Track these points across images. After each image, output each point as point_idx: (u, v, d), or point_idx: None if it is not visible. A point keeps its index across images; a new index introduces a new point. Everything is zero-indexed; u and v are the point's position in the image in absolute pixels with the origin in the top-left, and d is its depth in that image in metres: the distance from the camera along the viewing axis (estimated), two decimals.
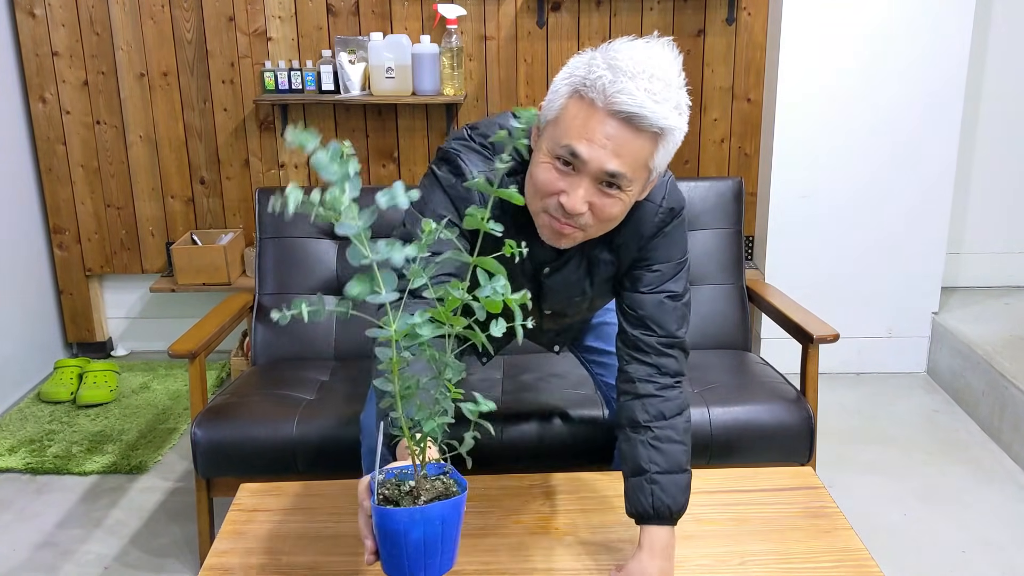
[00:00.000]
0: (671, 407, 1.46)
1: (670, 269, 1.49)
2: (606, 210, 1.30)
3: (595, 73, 1.24)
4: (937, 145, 3.14)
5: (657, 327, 1.47)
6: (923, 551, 2.28)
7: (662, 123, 1.23)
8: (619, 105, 1.22)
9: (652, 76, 1.22)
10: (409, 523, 1.01)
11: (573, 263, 1.48)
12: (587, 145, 1.24)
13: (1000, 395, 2.80)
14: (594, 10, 3.25)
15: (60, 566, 2.28)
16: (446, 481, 1.08)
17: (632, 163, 1.26)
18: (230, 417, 2.08)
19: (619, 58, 1.23)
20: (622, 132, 1.23)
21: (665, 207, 1.45)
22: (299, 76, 3.22)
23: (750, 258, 3.42)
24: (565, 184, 1.28)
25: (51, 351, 3.50)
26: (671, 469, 1.41)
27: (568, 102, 1.27)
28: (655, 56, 1.25)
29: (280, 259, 2.50)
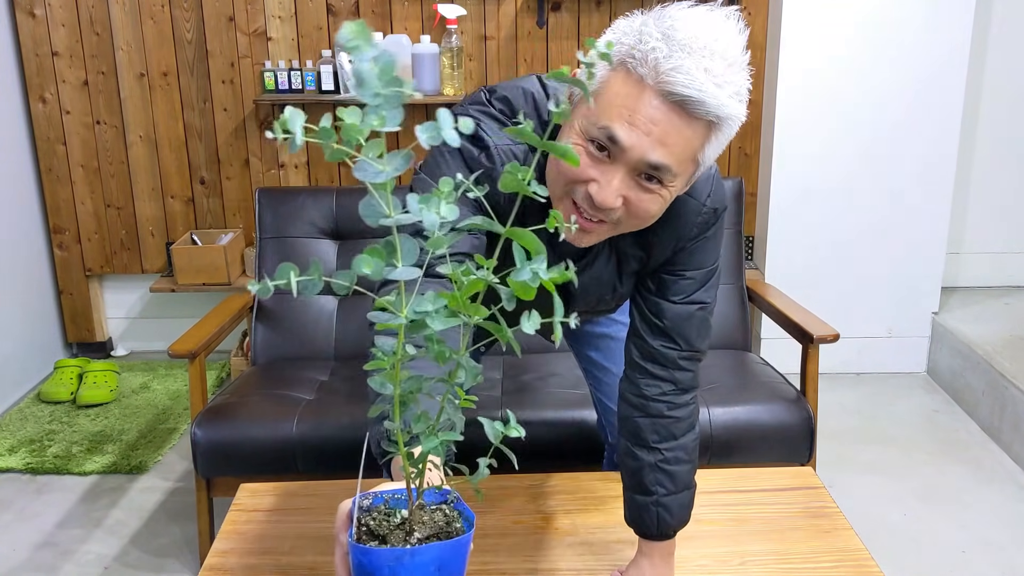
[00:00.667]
0: (683, 426, 1.34)
1: (703, 276, 1.31)
2: (642, 206, 1.09)
3: (647, 44, 1.02)
4: (937, 145, 3.14)
5: (682, 340, 1.32)
6: (923, 551, 2.28)
7: (720, 111, 1.03)
8: (673, 85, 1.01)
9: (714, 53, 1.02)
10: (396, 567, 0.77)
11: (603, 257, 1.29)
12: (629, 130, 1.03)
13: (1000, 395, 2.80)
14: (594, 10, 3.24)
15: (60, 566, 2.28)
16: (448, 513, 0.84)
17: (679, 154, 1.05)
18: (230, 417, 2.08)
19: (676, 27, 1.02)
20: (672, 117, 1.03)
21: (709, 207, 1.25)
22: (299, 76, 3.22)
23: (750, 258, 3.42)
24: (597, 172, 1.07)
25: (51, 351, 3.50)
26: (678, 489, 1.33)
27: (611, 75, 1.06)
28: (718, 28, 1.04)
29: (280, 259, 2.50)
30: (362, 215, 0.69)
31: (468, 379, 0.78)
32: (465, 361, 0.78)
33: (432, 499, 0.85)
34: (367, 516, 0.84)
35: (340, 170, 3.42)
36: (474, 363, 0.81)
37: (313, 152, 3.41)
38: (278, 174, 3.43)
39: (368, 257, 0.69)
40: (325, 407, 2.11)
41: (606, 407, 1.75)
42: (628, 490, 1.37)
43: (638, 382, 1.34)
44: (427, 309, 0.72)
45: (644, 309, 1.33)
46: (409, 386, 0.79)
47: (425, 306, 0.73)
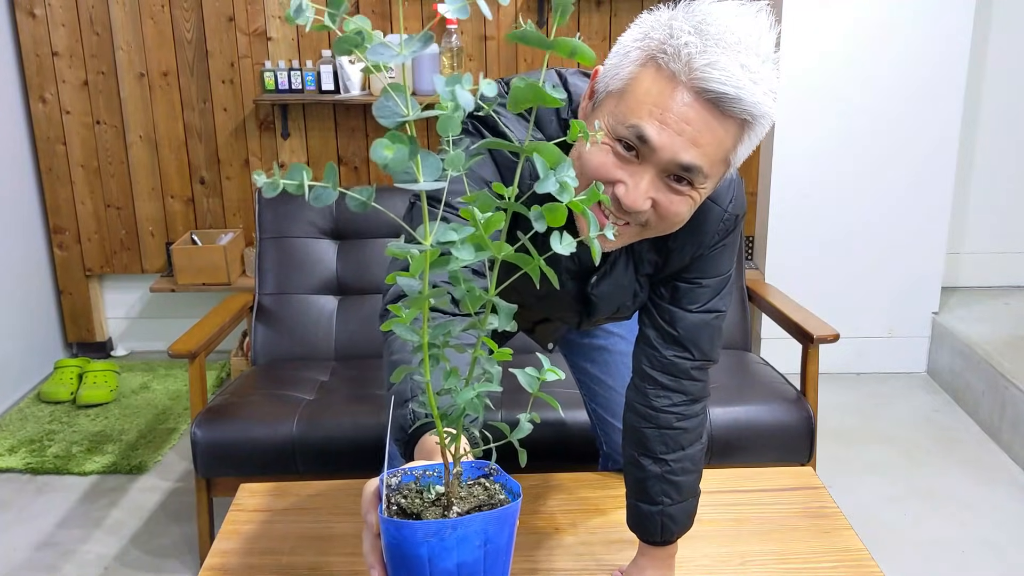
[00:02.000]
0: (691, 437, 1.31)
1: (719, 284, 1.26)
2: (672, 209, 1.04)
3: (679, 39, 0.96)
4: (937, 145, 3.14)
5: (696, 350, 1.27)
6: (923, 551, 2.28)
7: (756, 108, 0.98)
8: (708, 82, 0.95)
9: (749, 48, 0.97)
10: (436, 545, 0.68)
11: (621, 264, 1.23)
12: (660, 129, 0.98)
13: (1000, 395, 2.80)
14: (594, 10, 3.25)
15: (60, 566, 2.28)
16: (489, 486, 0.76)
17: (712, 155, 1.00)
18: (230, 417, 2.08)
19: (708, 22, 0.97)
20: (706, 116, 0.97)
21: (731, 212, 1.21)
22: (299, 76, 3.22)
23: (750, 258, 3.42)
24: (624, 173, 1.01)
25: (51, 351, 3.50)
26: (683, 499, 1.32)
27: (640, 71, 0.99)
28: (751, 23, 0.99)
29: (280, 259, 2.50)
30: (376, 115, 0.63)
31: (503, 320, 0.69)
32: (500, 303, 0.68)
33: (469, 473, 0.76)
34: (397, 495, 0.74)
35: (340, 170, 3.42)
36: (507, 304, 0.71)
37: (313, 152, 3.41)
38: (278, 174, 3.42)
39: (388, 142, 0.61)
40: (325, 407, 2.11)
41: (601, 418, 1.73)
42: (632, 498, 1.34)
43: (647, 392, 1.29)
44: (452, 239, 0.63)
45: (657, 317, 1.28)
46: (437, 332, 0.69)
47: (450, 235, 0.63)
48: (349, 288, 2.50)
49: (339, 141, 3.39)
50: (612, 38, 3.27)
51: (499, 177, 1.12)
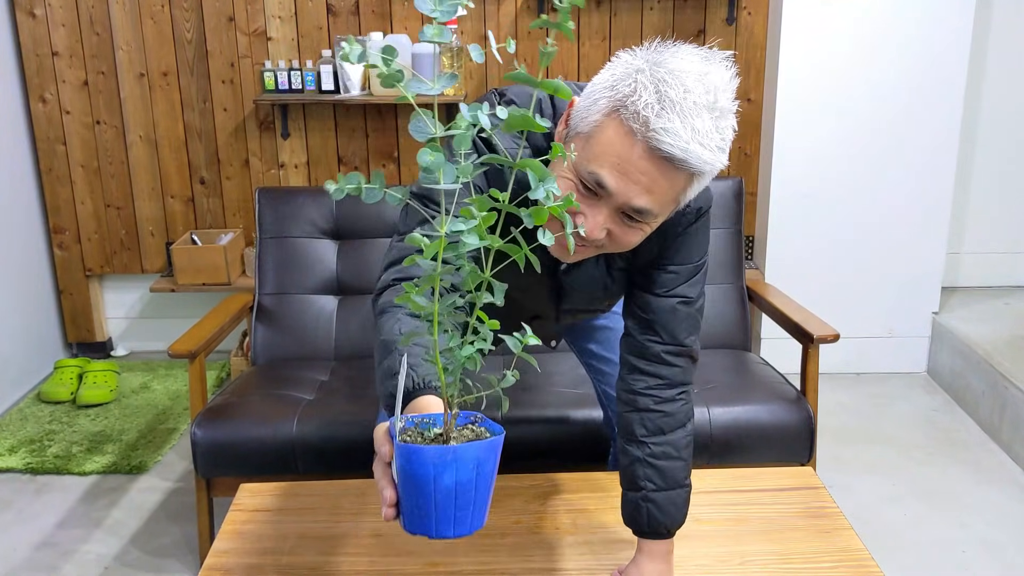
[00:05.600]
0: (671, 422, 1.37)
1: (687, 272, 1.38)
2: (624, 238, 1.18)
3: (641, 99, 1.07)
4: (937, 145, 3.14)
5: (665, 333, 1.36)
6: (923, 551, 2.28)
7: (703, 166, 1.10)
8: (661, 144, 1.07)
9: (702, 108, 1.07)
10: (440, 465, 0.84)
11: (590, 260, 1.35)
12: (617, 177, 1.10)
13: (1000, 395, 2.80)
14: (594, 10, 3.25)
15: (60, 566, 2.28)
16: (476, 430, 0.91)
17: (662, 199, 1.13)
18: (230, 417, 2.08)
19: (669, 82, 1.07)
20: (658, 169, 1.10)
21: (693, 207, 1.31)
22: (299, 76, 3.22)
23: (750, 258, 3.42)
24: (585, 206, 1.15)
25: (51, 351, 3.50)
26: (668, 486, 1.35)
27: (605, 120, 1.11)
28: (709, 82, 1.08)
29: (280, 259, 2.50)
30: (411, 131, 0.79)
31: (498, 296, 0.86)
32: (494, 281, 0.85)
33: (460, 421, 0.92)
34: (403, 435, 0.89)
35: (340, 170, 3.42)
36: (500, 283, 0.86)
37: (313, 152, 3.41)
38: (278, 174, 3.43)
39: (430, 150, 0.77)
40: (325, 407, 2.11)
41: (609, 396, 1.74)
42: (622, 487, 1.40)
43: (626, 377, 1.39)
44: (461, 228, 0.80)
45: (632, 305, 1.40)
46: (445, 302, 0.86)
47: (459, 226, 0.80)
48: (349, 288, 2.50)
49: (339, 141, 3.39)
50: (612, 38, 3.27)
51: (487, 183, 1.25)
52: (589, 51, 3.28)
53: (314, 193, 2.57)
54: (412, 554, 1.44)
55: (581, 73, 3.30)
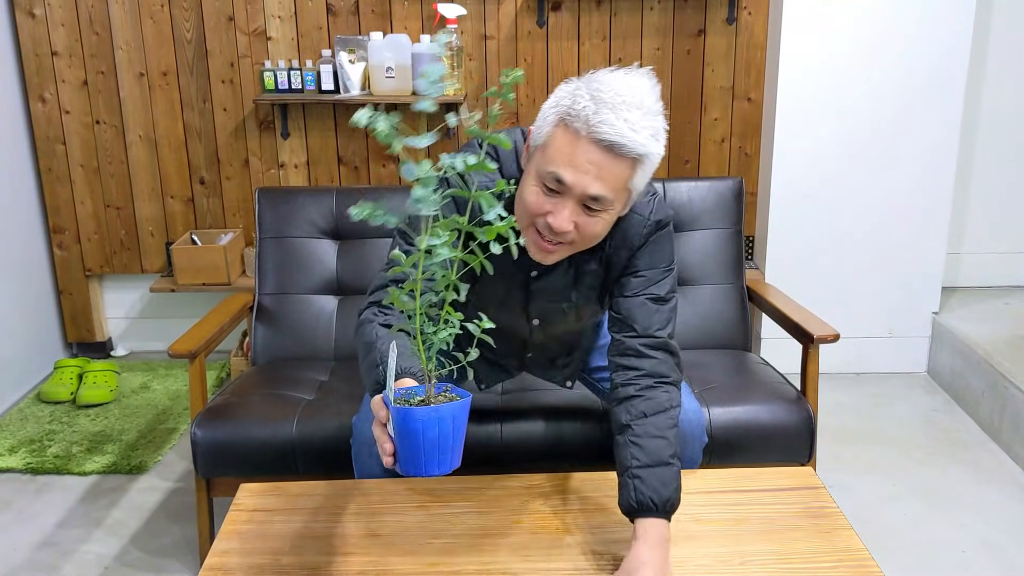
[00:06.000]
0: (652, 405, 1.49)
1: (655, 275, 1.58)
2: (589, 228, 1.41)
3: (579, 104, 1.34)
4: (937, 145, 3.14)
5: (638, 327, 1.55)
6: (923, 551, 2.28)
7: (640, 150, 1.34)
8: (601, 134, 1.32)
9: (631, 106, 1.33)
10: (427, 421, 1.14)
11: (560, 269, 1.57)
12: (572, 171, 1.35)
13: (1000, 395, 2.80)
14: (594, 10, 3.25)
15: (60, 566, 2.28)
16: (449, 395, 1.20)
17: (613, 186, 1.37)
18: (230, 417, 2.08)
19: (602, 89, 1.35)
20: (603, 158, 1.34)
21: (652, 220, 1.56)
22: (299, 76, 3.22)
23: (750, 258, 3.42)
24: (551, 206, 1.38)
25: (51, 351, 3.50)
26: (652, 463, 1.43)
27: (555, 130, 1.37)
28: (634, 86, 1.36)
29: (280, 259, 2.50)
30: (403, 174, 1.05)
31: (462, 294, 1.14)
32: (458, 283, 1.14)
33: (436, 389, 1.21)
34: (396, 401, 1.18)
35: (340, 170, 3.42)
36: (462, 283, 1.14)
37: (313, 152, 3.41)
38: (278, 174, 3.43)
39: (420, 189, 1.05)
40: (325, 407, 2.11)
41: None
42: (617, 475, 1.48)
43: (613, 377, 1.56)
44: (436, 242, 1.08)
45: (611, 313, 1.61)
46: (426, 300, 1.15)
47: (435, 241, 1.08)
48: (349, 288, 2.50)
49: (339, 141, 3.39)
50: (612, 38, 3.27)
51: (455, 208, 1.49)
52: (589, 51, 3.28)
53: (314, 193, 2.57)
54: (412, 554, 1.44)
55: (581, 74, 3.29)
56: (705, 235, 2.49)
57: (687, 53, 3.29)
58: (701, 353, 2.40)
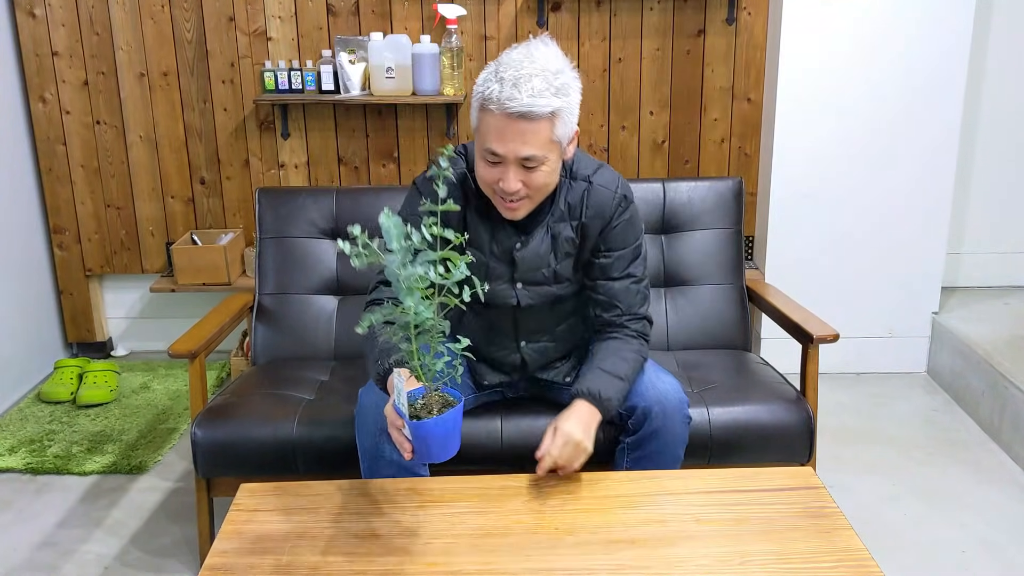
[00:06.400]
0: (626, 346, 1.81)
1: (629, 254, 1.84)
2: (536, 181, 1.68)
3: (490, 89, 1.61)
4: (937, 145, 3.14)
5: (623, 307, 1.84)
6: (923, 551, 2.28)
7: (549, 109, 1.60)
8: (512, 109, 1.58)
9: (531, 76, 1.58)
10: (435, 428, 1.42)
11: (538, 239, 1.81)
12: (501, 144, 1.62)
13: (1000, 395, 2.80)
14: (594, 10, 3.25)
15: (60, 566, 2.28)
16: (442, 394, 1.47)
17: (538, 144, 1.62)
18: (230, 417, 2.08)
19: (504, 69, 1.60)
20: (522, 125, 1.60)
21: (620, 194, 1.82)
22: (299, 76, 3.22)
23: (750, 258, 3.42)
24: (499, 173, 1.66)
25: (51, 351, 3.50)
26: (609, 371, 1.76)
27: (480, 115, 1.65)
28: (535, 56, 1.62)
29: (280, 259, 2.50)
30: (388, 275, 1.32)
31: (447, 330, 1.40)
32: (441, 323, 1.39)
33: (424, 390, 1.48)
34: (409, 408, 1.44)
35: (340, 170, 3.42)
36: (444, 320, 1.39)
37: (313, 152, 3.41)
38: (278, 174, 3.43)
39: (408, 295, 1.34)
40: (325, 407, 2.11)
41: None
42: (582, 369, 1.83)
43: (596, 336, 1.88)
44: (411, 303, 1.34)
45: (593, 296, 1.87)
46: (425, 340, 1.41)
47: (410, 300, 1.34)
48: (349, 288, 2.50)
49: (339, 141, 3.39)
50: (612, 38, 3.27)
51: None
52: (589, 51, 3.28)
53: (314, 193, 2.57)
54: (412, 554, 1.44)
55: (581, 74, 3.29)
56: (705, 235, 2.49)
57: (687, 53, 3.29)
58: (701, 353, 2.40)
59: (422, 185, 1.86)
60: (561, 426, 1.67)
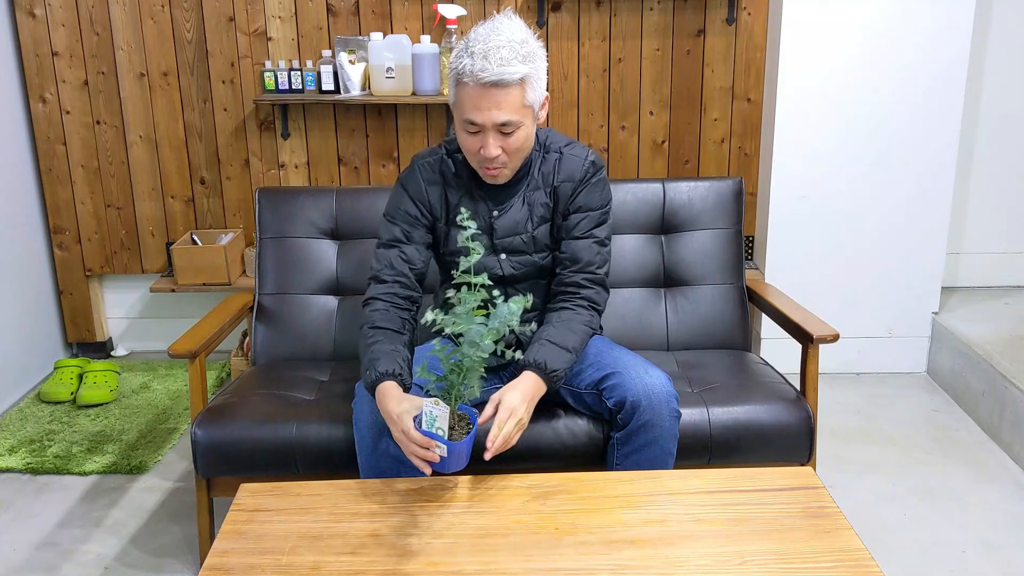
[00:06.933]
0: (577, 316, 1.88)
1: (596, 216, 1.94)
2: (514, 145, 1.79)
3: (462, 63, 1.72)
4: (937, 145, 3.14)
5: (582, 263, 1.91)
6: (923, 551, 2.28)
7: (518, 75, 1.71)
8: (481, 78, 1.69)
9: (499, 47, 1.69)
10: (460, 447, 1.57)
11: (516, 206, 1.93)
12: (478, 112, 1.73)
13: (1000, 395, 2.80)
14: (594, 10, 3.25)
15: (60, 566, 2.28)
16: (459, 412, 1.62)
17: (512, 109, 1.74)
18: (230, 417, 2.08)
19: (472, 44, 1.72)
20: (495, 93, 1.71)
21: (588, 160, 1.94)
22: (299, 76, 3.23)
23: (750, 258, 3.42)
24: (479, 141, 1.78)
25: (51, 351, 3.50)
26: (557, 343, 1.81)
27: (456, 89, 1.76)
28: (500, 29, 1.72)
29: (280, 259, 2.50)
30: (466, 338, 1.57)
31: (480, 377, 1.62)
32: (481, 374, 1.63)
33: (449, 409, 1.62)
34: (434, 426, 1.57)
35: (340, 170, 3.42)
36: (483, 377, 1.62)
37: (313, 152, 3.41)
38: (278, 174, 3.43)
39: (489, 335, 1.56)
40: (325, 407, 2.11)
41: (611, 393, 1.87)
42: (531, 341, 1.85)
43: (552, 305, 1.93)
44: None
45: (558, 255, 1.94)
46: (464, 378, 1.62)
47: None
48: (349, 288, 2.50)
49: (339, 141, 3.39)
50: (612, 38, 3.27)
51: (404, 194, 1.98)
52: (589, 51, 3.28)
53: (314, 193, 2.57)
54: (412, 554, 1.44)
55: (581, 74, 3.30)
56: (705, 235, 2.49)
57: (687, 53, 3.29)
58: (701, 353, 2.40)
59: (405, 180, 1.95)
60: (505, 399, 1.69)
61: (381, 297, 1.88)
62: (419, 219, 1.93)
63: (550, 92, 3.32)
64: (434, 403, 1.57)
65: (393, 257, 1.91)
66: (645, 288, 2.48)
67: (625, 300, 2.46)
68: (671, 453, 1.86)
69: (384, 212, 1.97)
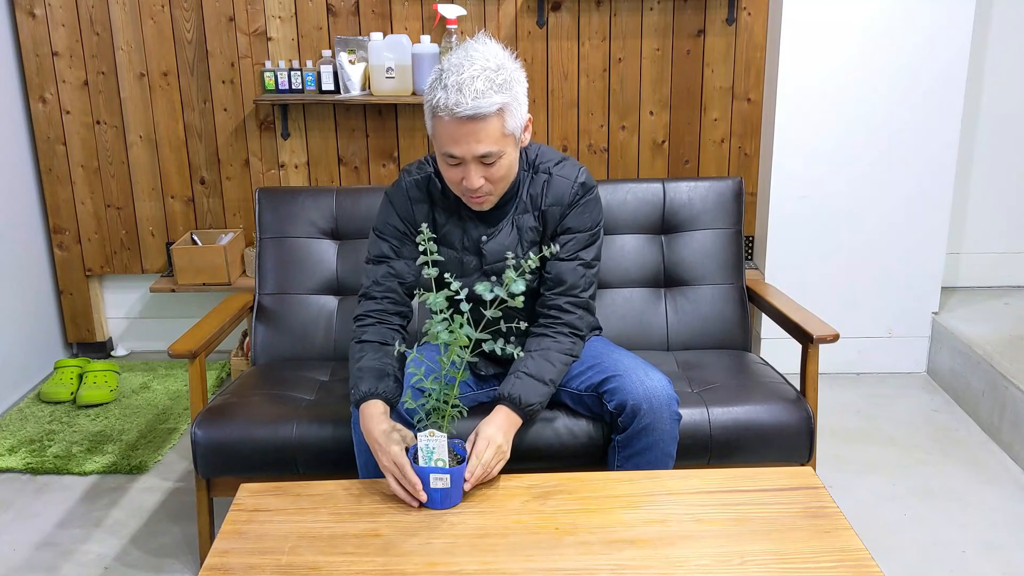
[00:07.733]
0: (556, 345, 1.84)
1: (584, 238, 1.89)
2: (496, 174, 1.74)
3: (437, 97, 1.66)
4: (937, 145, 3.14)
5: (567, 286, 1.86)
6: (923, 551, 2.28)
7: (496, 107, 1.65)
8: (458, 112, 1.64)
9: (473, 78, 1.63)
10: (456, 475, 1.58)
11: (504, 231, 1.89)
12: (456, 146, 1.68)
13: (1000, 395, 2.80)
14: (594, 10, 3.25)
15: (60, 566, 2.28)
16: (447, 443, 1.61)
17: (492, 140, 1.68)
18: (230, 417, 2.08)
19: (447, 75, 1.65)
20: (473, 125, 1.66)
21: (578, 183, 1.88)
22: (299, 76, 3.23)
23: (750, 258, 3.42)
24: (461, 173, 1.73)
25: (51, 351, 3.50)
26: (534, 375, 1.78)
27: (433, 122, 1.70)
28: (474, 58, 1.66)
29: (280, 259, 2.50)
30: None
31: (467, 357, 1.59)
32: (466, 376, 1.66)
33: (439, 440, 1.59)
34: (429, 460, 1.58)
35: (340, 170, 3.42)
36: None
37: (313, 152, 3.41)
38: (278, 174, 3.43)
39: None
40: (325, 407, 2.11)
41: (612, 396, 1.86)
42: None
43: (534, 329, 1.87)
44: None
45: (544, 275, 1.89)
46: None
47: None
48: (349, 288, 2.50)
49: (339, 141, 3.39)
50: (612, 38, 3.27)
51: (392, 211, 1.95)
52: (589, 51, 3.28)
53: (314, 193, 2.57)
54: (412, 554, 1.44)
55: (581, 74, 3.30)
56: (705, 235, 2.49)
57: (687, 53, 3.29)
58: (701, 353, 2.40)
59: (392, 195, 1.92)
60: (483, 431, 1.68)
61: (371, 314, 1.88)
62: (407, 235, 1.90)
63: (550, 92, 3.32)
64: (429, 435, 1.55)
65: (382, 274, 1.90)
66: (645, 288, 2.48)
67: (625, 300, 2.46)
68: (671, 455, 1.86)
69: (373, 227, 1.94)
